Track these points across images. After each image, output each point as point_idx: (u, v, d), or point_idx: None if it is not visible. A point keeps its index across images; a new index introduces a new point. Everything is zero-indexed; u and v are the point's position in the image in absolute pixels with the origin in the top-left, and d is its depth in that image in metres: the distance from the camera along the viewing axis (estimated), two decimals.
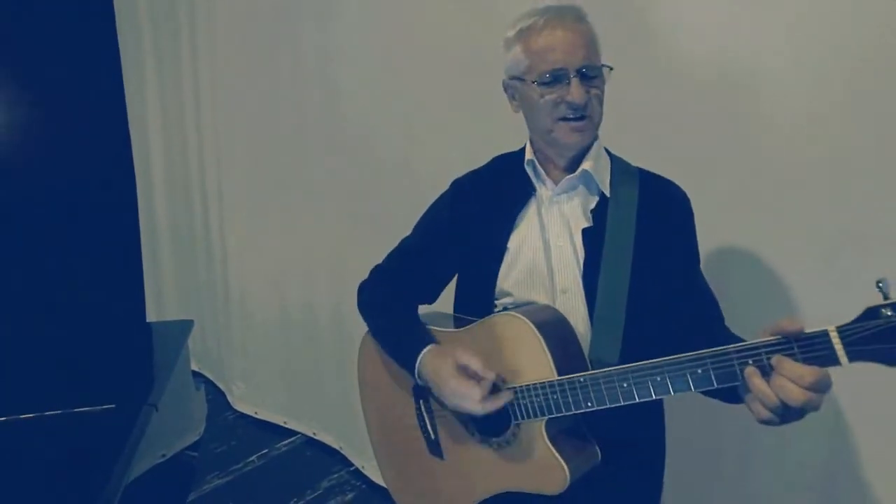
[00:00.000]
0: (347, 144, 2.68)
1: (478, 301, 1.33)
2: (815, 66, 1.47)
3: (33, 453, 1.37)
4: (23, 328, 2.12)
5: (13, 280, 3.33)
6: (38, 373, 1.79)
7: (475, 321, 1.28)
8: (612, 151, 1.35)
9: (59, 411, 1.47)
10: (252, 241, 3.28)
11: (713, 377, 0.98)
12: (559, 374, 1.13)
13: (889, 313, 0.83)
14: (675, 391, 1.02)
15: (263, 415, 3.37)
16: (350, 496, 2.74)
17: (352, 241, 2.70)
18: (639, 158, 1.35)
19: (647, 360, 1.05)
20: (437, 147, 2.28)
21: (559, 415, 1.13)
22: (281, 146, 3.01)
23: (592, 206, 1.27)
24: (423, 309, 1.45)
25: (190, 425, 1.98)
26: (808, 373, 0.90)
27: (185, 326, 1.97)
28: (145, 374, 1.72)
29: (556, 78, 1.18)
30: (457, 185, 1.42)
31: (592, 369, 1.14)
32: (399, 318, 1.39)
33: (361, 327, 1.48)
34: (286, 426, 3.26)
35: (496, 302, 1.32)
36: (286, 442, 3.18)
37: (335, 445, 3.02)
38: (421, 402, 1.37)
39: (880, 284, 0.85)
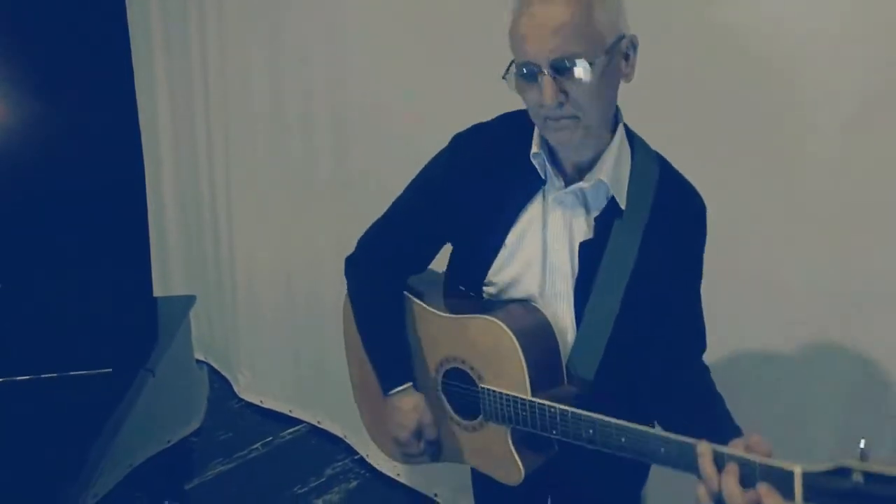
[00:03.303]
0: (355, 131, 2.65)
1: (467, 283, 1.28)
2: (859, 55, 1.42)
3: (28, 413, 1.37)
4: (27, 298, 2.11)
5: (23, 256, 3.33)
6: (40, 339, 1.78)
7: (465, 299, 1.28)
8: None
9: (55, 374, 1.46)
10: (259, 230, 3.26)
11: (672, 461, 0.96)
12: (532, 390, 1.13)
13: (859, 479, 0.81)
14: (632, 456, 1.00)
15: (269, 403, 3.34)
16: (354, 484, 2.72)
17: (359, 229, 2.66)
18: (664, 147, 1.21)
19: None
20: (446, 133, 2.24)
21: (524, 428, 1.14)
22: (288, 133, 2.99)
23: (597, 213, 1.14)
24: None
25: (191, 405, 1.95)
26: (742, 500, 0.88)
27: (186, 301, 1.96)
28: (145, 342, 1.71)
29: (530, 73, 1.01)
30: (457, 142, 1.27)
31: (569, 383, 1.17)
32: (382, 323, 1.36)
33: None
34: (291, 414, 3.24)
35: (484, 289, 1.25)
36: (291, 430, 3.15)
37: (340, 434, 3.00)
38: None
39: (861, 447, 0.82)
